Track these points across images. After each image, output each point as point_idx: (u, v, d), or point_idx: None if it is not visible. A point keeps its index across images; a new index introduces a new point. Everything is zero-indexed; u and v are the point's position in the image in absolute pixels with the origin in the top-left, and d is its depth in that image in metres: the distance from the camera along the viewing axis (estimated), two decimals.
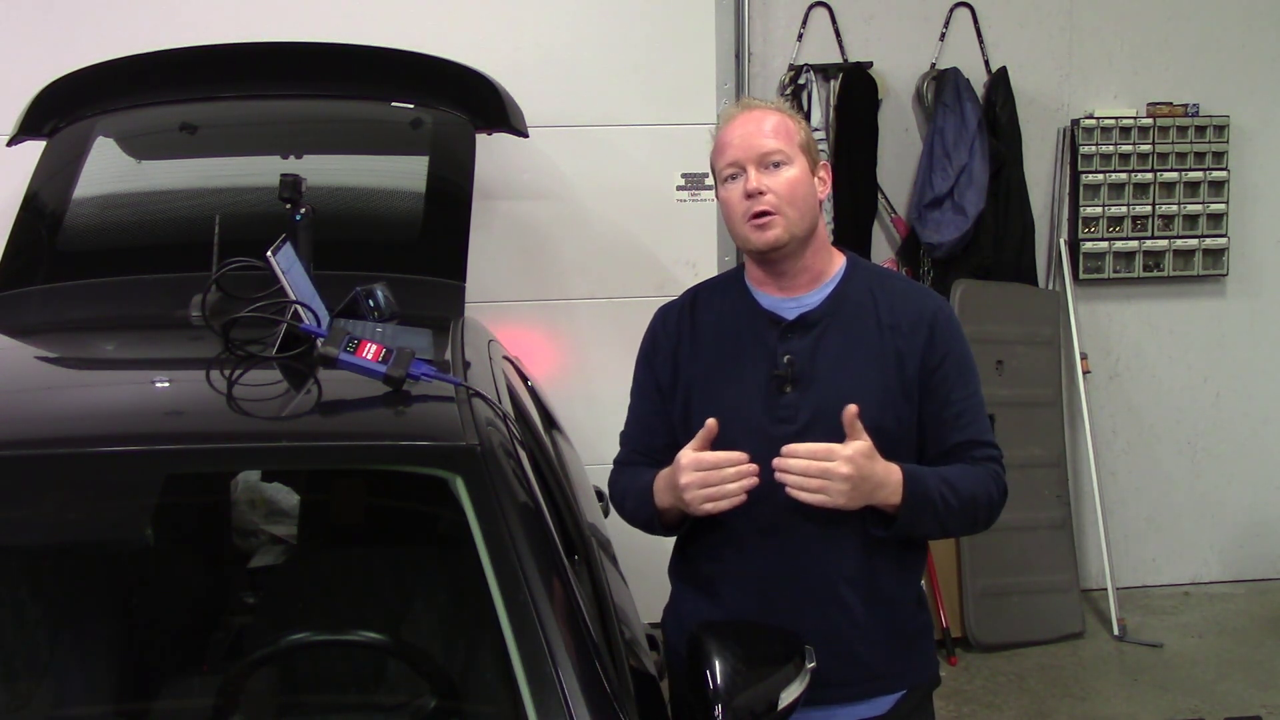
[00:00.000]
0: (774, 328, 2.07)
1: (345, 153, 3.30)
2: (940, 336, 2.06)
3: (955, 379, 2.07)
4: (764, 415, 2.04)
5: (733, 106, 2.15)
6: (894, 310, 2.07)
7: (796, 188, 2.02)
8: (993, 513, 2.11)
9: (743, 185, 2.02)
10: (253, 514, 2.93)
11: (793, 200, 2.02)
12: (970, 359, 2.12)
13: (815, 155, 2.09)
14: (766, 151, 2.02)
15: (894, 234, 4.76)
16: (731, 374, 2.08)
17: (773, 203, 2.01)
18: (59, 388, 2.30)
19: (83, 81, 3.15)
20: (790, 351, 2.04)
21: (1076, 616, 4.63)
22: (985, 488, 2.08)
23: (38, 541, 2.13)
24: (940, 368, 2.05)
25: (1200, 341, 5.03)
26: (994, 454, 2.11)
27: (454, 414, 1.95)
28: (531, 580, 1.73)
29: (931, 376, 2.05)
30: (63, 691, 2.08)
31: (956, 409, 2.06)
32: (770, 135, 2.03)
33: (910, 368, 2.05)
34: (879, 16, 4.67)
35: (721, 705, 1.81)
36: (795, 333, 2.06)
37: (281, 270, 2.16)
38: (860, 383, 2.02)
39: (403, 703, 2.02)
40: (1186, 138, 4.85)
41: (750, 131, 2.04)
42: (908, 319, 2.06)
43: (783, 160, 2.02)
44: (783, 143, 2.03)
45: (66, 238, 2.94)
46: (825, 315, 2.07)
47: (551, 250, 4.44)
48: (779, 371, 2.04)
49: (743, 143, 2.04)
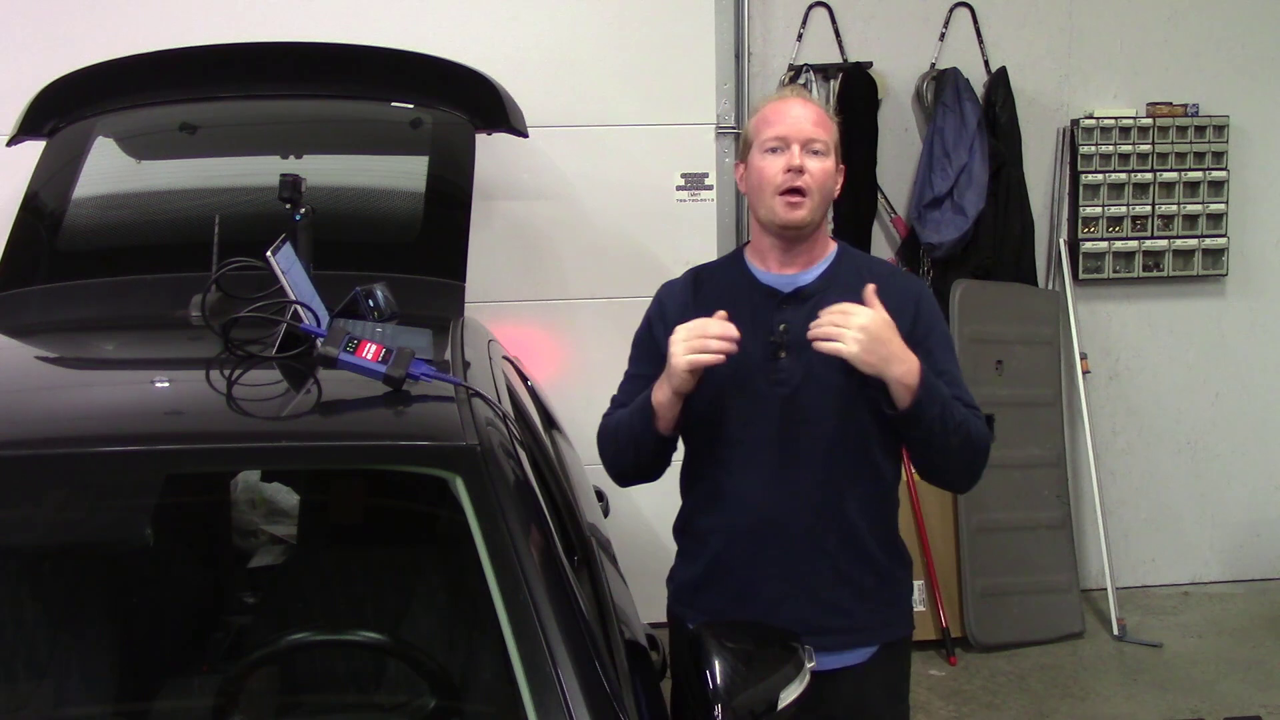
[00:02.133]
0: (771, 299, 2.24)
1: (345, 153, 3.30)
2: (925, 313, 2.24)
3: (940, 350, 2.23)
4: (760, 378, 2.20)
5: (783, 90, 2.33)
6: (882, 290, 2.17)
7: (827, 178, 2.21)
8: (978, 458, 2.22)
9: (785, 159, 2.18)
10: (253, 514, 2.93)
11: (822, 187, 2.20)
12: (949, 335, 2.32)
13: (840, 155, 2.27)
14: (813, 138, 2.19)
15: (894, 234, 4.76)
16: None
17: (808, 184, 2.18)
18: (59, 388, 2.30)
19: (83, 81, 3.15)
20: (785, 320, 2.20)
21: (1076, 616, 4.63)
22: (979, 432, 2.20)
23: (38, 541, 2.12)
24: (925, 342, 2.20)
25: (1200, 341, 5.03)
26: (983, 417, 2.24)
27: (454, 414, 1.95)
28: (531, 580, 1.73)
29: (917, 349, 2.15)
30: (63, 691, 2.08)
31: (943, 371, 2.21)
32: (817, 125, 2.21)
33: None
34: (879, 16, 4.67)
35: (721, 705, 1.81)
36: (791, 304, 2.22)
37: (281, 270, 2.16)
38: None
39: (403, 703, 2.02)
40: (1186, 138, 4.85)
41: (801, 116, 2.20)
42: (894, 298, 2.18)
43: (822, 150, 2.20)
44: (825, 133, 2.21)
45: (66, 238, 2.94)
46: (818, 289, 2.23)
47: (551, 250, 4.44)
48: (774, 338, 2.20)
49: (794, 123, 2.19)
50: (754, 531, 2.22)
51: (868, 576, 2.24)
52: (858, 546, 2.23)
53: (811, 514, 2.19)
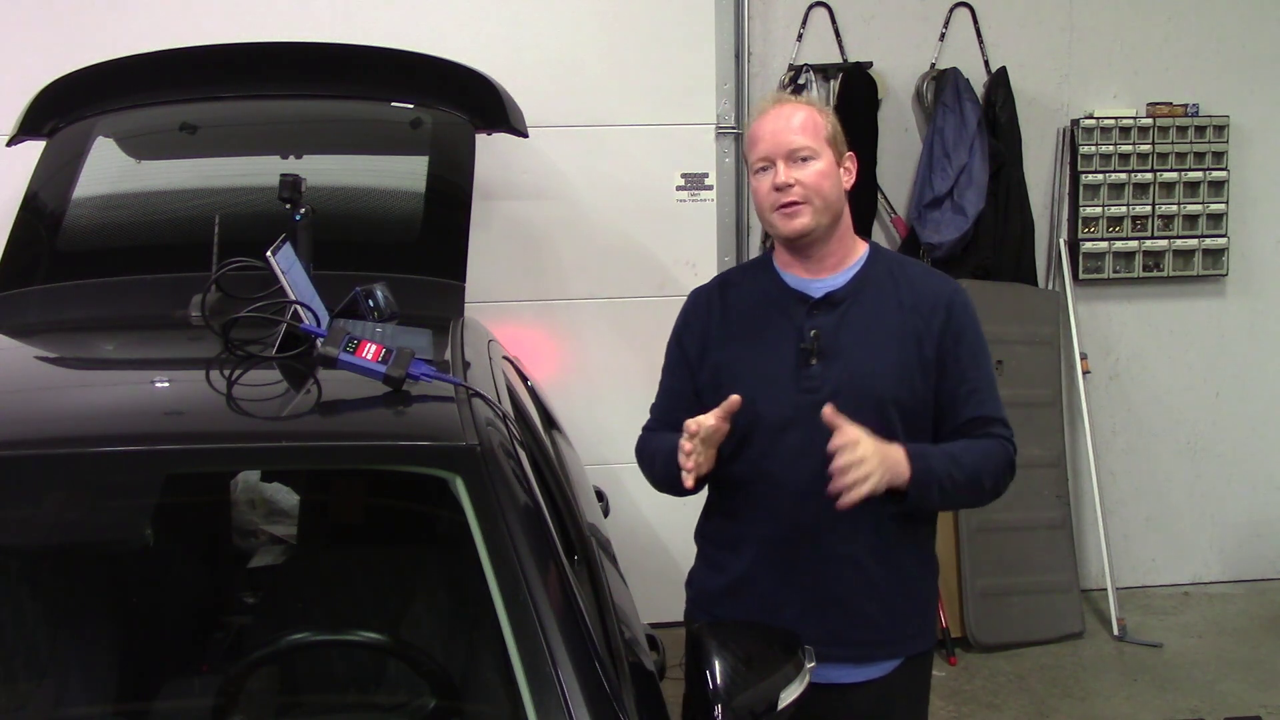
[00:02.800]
0: (801, 305, 2.21)
1: (345, 153, 3.30)
2: (956, 318, 2.19)
3: (969, 359, 2.19)
4: (791, 385, 2.17)
5: (766, 100, 2.27)
6: (914, 292, 2.19)
7: (823, 180, 2.16)
8: (1001, 486, 2.21)
9: (772, 178, 2.16)
10: (253, 514, 2.93)
11: (819, 191, 2.16)
12: (983, 342, 2.25)
13: (842, 147, 2.22)
14: (794, 148, 2.15)
15: (894, 234, 4.76)
16: (761, 348, 2.22)
17: (800, 193, 2.15)
18: (59, 388, 2.30)
19: (83, 81, 3.15)
20: (816, 326, 2.18)
21: (1076, 616, 4.63)
22: (993, 462, 2.17)
23: (38, 541, 2.12)
24: (955, 348, 2.18)
25: (1200, 341, 5.03)
26: (1005, 432, 2.21)
27: (454, 414, 1.95)
28: (531, 580, 1.73)
29: (947, 356, 2.16)
30: (63, 691, 2.07)
31: (970, 386, 2.19)
32: (798, 132, 2.16)
33: (928, 346, 2.17)
34: (879, 16, 4.67)
35: (721, 705, 1.81)
36: (821, 310, 2.20)
37: (281, 270, 2.16)
38: (880, 357, 2.15)
39: (403, 703, 2.02)
40: (1186, 138, 4.85)
41: (780, 128, 2.17)
42: (926, 301, 2.18)
43: (810, 155, 2.16)
44: (809, 138, 2.16)
45: (66, 238, 2.94)
46: (849, 295, 2.20)
47: (551, 250, 4.44)
48: (805, 345, 2.17)
49: (774, 138, 2.17)
50: (787, 540, 2.18)
51: (897, 588, 2.20)
52: (889, 557, 2.19)
53: (846, 527, 2.14)
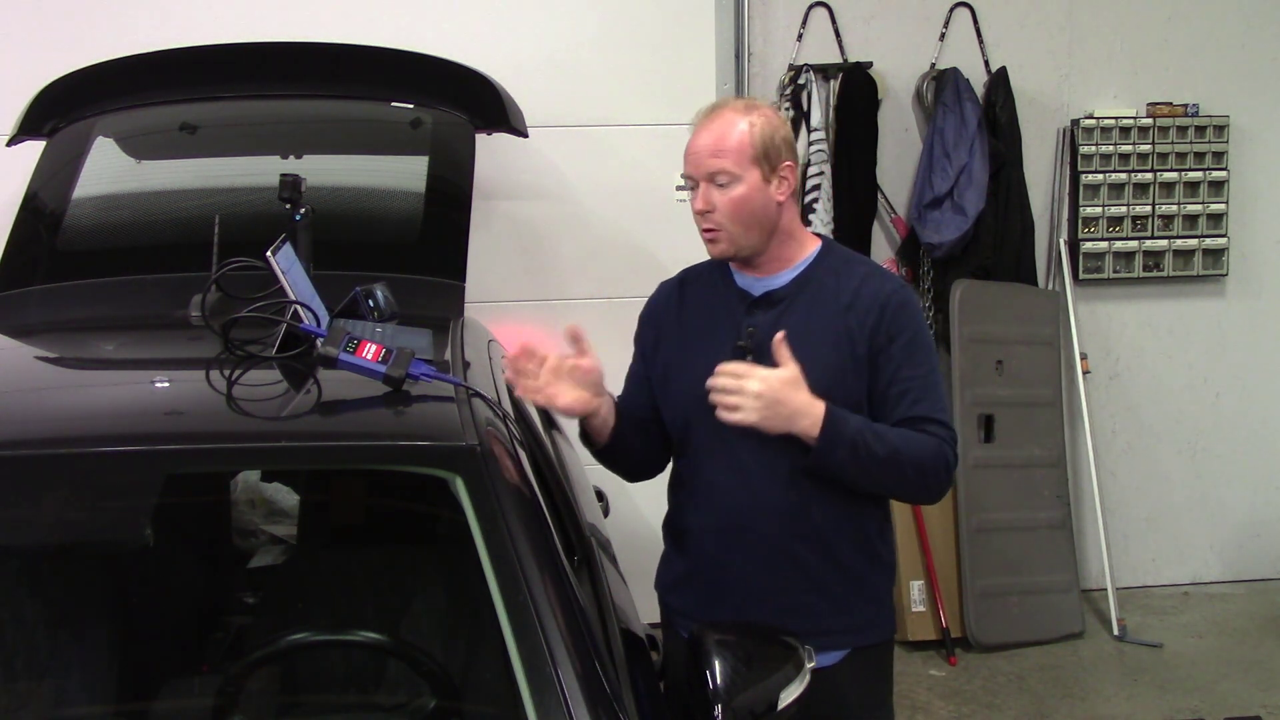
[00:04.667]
0: (742, 303, 2.24)
1: (345, 153, 3.30)
2: (890, 318, 2.16)
3: (903, 359, 2.16)
4: None
5: (700, 111, 2.23)
6: (853, 292, 2.18)
7: (741, 206, 2.14)
8: (929, 479, 2.16)
9: (692, 199, 2.18)
10: (253, 514, 2.93)
11: (736, 218, 2.14)
12: (924, 341, 2.21)
13: (777, 156, 2.16)
14: (713, 172, 2.14)
15: (894, 234, 4.76)
16: (703, 344, 2.24)
17: (716, 221, 2.16)
18: (59, 388, 2.30)
19: (82, 81, 3.15)
20: (754, 324, 2.20)
21: (1076, 616, 4.63)
22: (923, 453, 2.13)
23: (38, 541, 2.13)
24: (888, 347, 2.16)
25: (1200, 341, 5.03)
26: (943, 433, 2.16)
27: (454, 414, 1.95)
28: (531, 580, 1.73)
29: (879, 355, 2.15)
30: (63, 691, 2.08)
31: (901, 387, 2.16)
32: (717, 155, 2.13)
33: (860, 346, 2.16)
34: (879, 16, 4.67)
35: (721, 705, 1.81)
36: (760, 308, 2.22)
37: (281, 270, 2.16)
38: (814, 356, 2.13)
39: (403, 703, 2.02)
40: (1186, 138, 4.85)
41: (701, 147, 2.16)
42: (864, 301, 2.17)
43: (728, 180, 2.13)
44: (730, 161, 2.13)
45: (66, 238, 2.94)
46: (789, 294, 2.21)
47: (551, 250, 4.44)
48: (742, 342, 2.19)
49: (694, 159, 2.17)
50: (724, 533, 2.22)
51: (837, 583, 2.21)
52: (828, 553, 2.20)
53: (778, 520, 2.17)
